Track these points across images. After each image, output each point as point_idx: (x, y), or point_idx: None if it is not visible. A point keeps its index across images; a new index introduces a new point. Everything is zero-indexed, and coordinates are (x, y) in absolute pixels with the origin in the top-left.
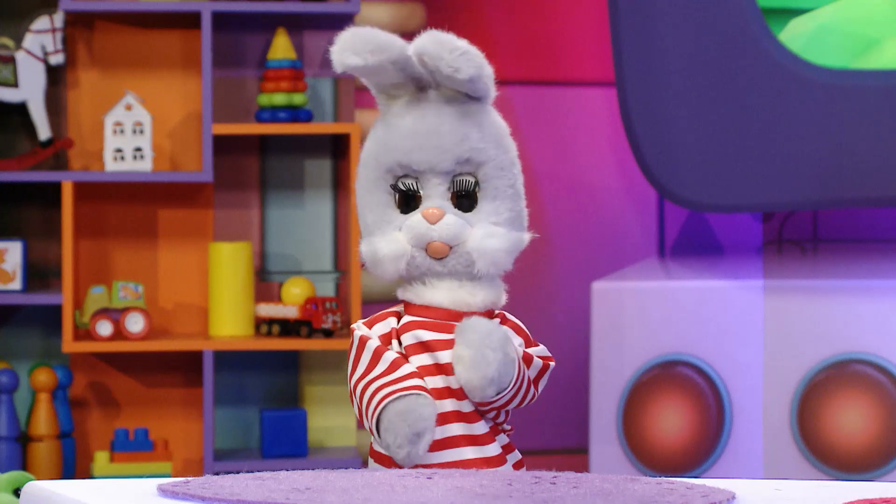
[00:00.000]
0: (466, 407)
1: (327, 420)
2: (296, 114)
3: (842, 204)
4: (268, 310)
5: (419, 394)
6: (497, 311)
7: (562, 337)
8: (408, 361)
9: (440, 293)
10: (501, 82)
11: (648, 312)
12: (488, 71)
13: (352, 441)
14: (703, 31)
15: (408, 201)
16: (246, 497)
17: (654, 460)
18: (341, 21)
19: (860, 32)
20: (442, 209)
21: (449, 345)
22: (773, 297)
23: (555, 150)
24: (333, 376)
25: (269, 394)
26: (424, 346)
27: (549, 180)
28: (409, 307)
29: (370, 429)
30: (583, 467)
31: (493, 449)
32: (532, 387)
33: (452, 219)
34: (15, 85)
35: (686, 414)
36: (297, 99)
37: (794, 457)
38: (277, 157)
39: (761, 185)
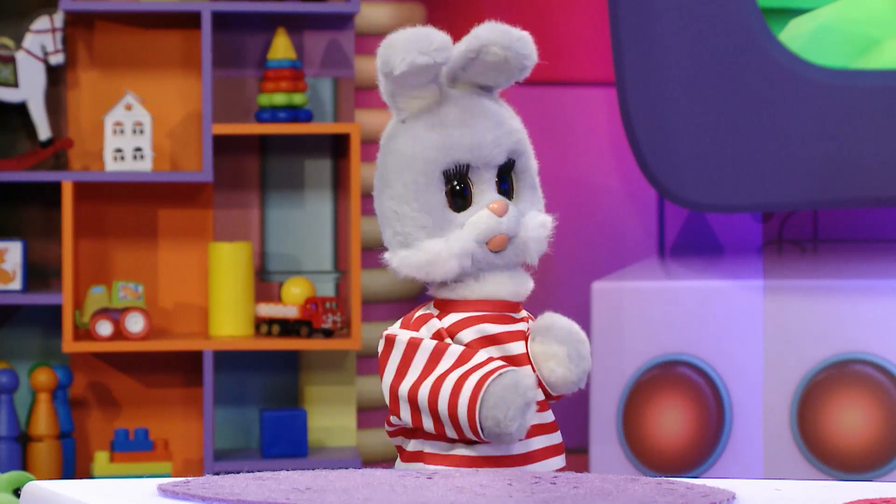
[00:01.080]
0: (539, 396)
1: (327, 420)
2: (296, 114)
3: (842, 204)
4: (268, 310)
5: (513, 369)
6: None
7: None
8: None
9: (497, 286)
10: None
11: (648, 312)
12: None
13: (352, 441)
14: (703, 31)
15: (458, 199)
16: (246, 497)
17: (654, 460)
18: (341, 21)
19: (860, 32)
20: (505, 201)
21: (514, 336)
22: (773, 297)
23: (555, 150)
24: (333, 376)
25: (269, 394)
26: (492, 340)
27: (549, 180)
28: (457, 304)
29: (457, 422)
30: (583, 467)
31: (558, 436)
32: None
33: (515, 210)
34: (15, 85)
35: (686, 414)
36: (297, 99)
37: (794, 457)
38: (277, 157)
39: (761, 185)
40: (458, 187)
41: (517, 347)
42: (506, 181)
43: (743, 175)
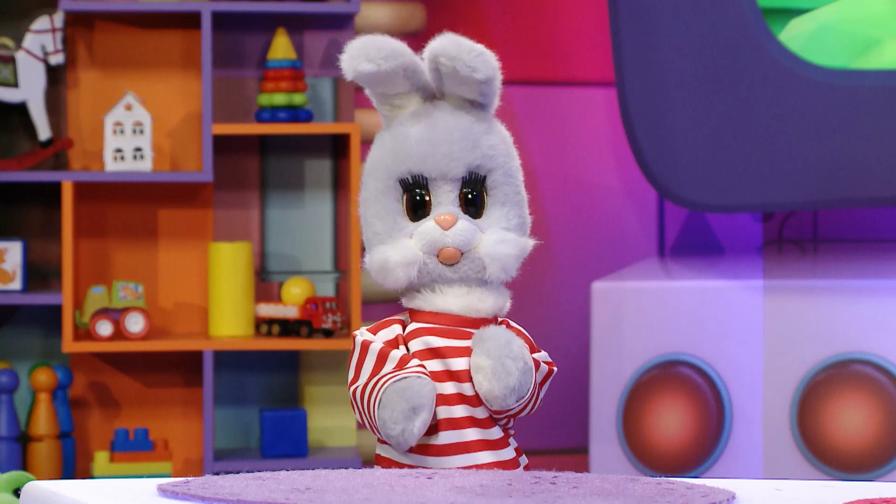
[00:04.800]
0: (480, 413)
1: (327, 420)
2: (296, 114)
3: (842, 204)
4: (268, 310)
5: (419, 376)
6: (501, 319)
7: (562, 337)
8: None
9: (450, 299)
10: (502, 82)
11: (648, 312)
12: (500, 76)
13: (352, 441)
14: (703, 31)
15: (416, 209)
16: (246, 497)
17: (654, 460)
18: (341, 21)
19: (860, 32)
20: (454, 215)
21: (459, 351)
22: (773, 297)
23: (555, 150)
24: (333, 376)
25: (269, 394)
26: (435, 353)
27: (549, 180)
28: (417, 314)
29: (372, 426)
30: (583, 467)
31: (507, 453)
32: (538, 392)
33: (465, 225)
34: (15, 85)
35: (686, 414)
36: (297, 99)
37: (794, 457)
38: (277, 157)
39: (761, 185)
40: (416, 197)
41: (460, 363)
42: (475, 196)
43: (743, 175)
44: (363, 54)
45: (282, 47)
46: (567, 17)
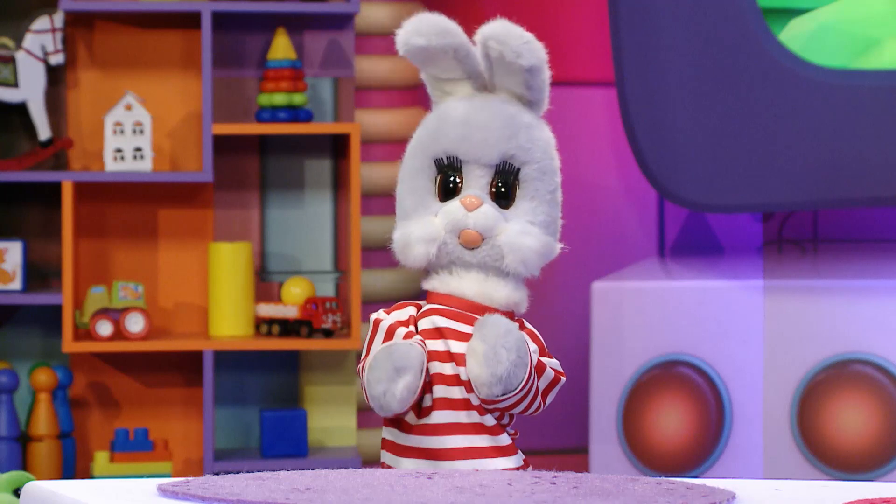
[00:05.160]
0: (475, 399)
1: (327, 420)
2: (296, 114)
3: (842, 204)
4: (268, 310)
5: (410, 343)
6: (517, 318)
7: (562, 337)
8: (421, 340)
9: (465, 283)
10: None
11: (648, 312)
12: (547, 71)
13: (352, 441)
14: (703, 32)
15: (447, 191)
16: (246, 497)
17: (654, 460)
18: (341, 21)
19: (860, 32)
20: (480, 198)
21: (463, 336)
22: (773, 297)
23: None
24: (333, 376)
25: (269, 394)
26: (439, 332)
27: None
28: (432, 296)
29: (366, 394)
30: (583, 467)
31: (505, 439)
32: (540, 397)
33: (489, 209)
34: (15, 85)
35: (686, 414)
36: (297, 99)
37: (794, 457)
38: (277, 157)
39: (761, 185)
40: (448, 178)
41: (460, 346)
42: (506, 186)
43: (743, 175)
44: (416, 29)
45: (282, 47)
46: (567, 17)
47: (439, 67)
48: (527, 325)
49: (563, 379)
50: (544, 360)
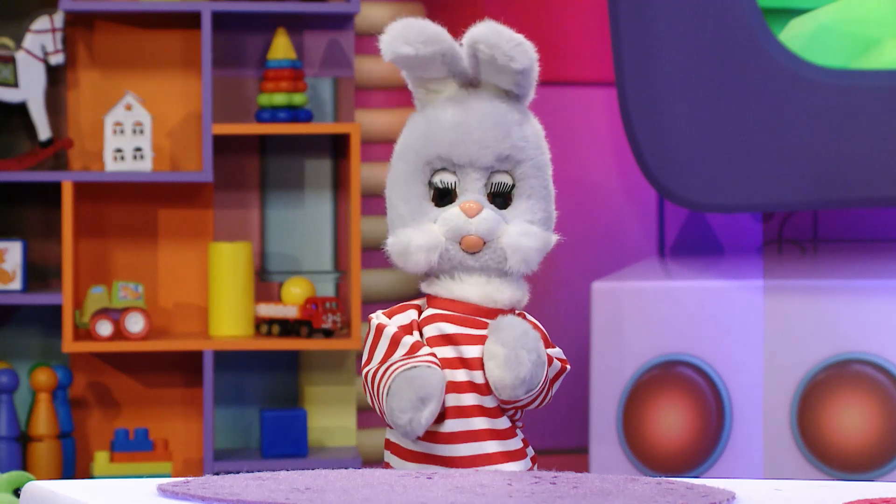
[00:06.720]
0: (489, 402)
1: (327, 420)
2: (296, 114)
3: (842, 204)
4: (268, 310)
5: (429, 365)
6: (518, 311)
7: (562, 337)
8: (429, 347)
9: (469, 288)
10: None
11: (648, 312)
12: (537, 67)
13: (352, 441)
14: (703, 31)
15: (442, 196)
16: (246, 497)
17: (654, 460)
18: (341, 21)
19: (860, 32)
20: (479, 203)
21: (473, 339)
22: (773, 297)
23: (555, 150)
24: (333, 376)
25: (269, 394)
26: (448, 339)
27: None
28: (434, 300)
29: (381, 410)
30: (583, 467)
31: (515, 443)
32: (550, 388)
33: (490, 213)
34: (15, 85)
35: (686, 414)
36: (297, 99)
37: (794, 457)
38: (277, 157)
39: (761, 185)
40: (442, 182)
41: (473, 351)
42: (503, 187)
43: (743, 175)
44: (402, 37)
45: (282, 47)
46: (567, 17)
47: (425, 70)
48: (529, 317)
49: (568, 367)
50: (549, 351)
